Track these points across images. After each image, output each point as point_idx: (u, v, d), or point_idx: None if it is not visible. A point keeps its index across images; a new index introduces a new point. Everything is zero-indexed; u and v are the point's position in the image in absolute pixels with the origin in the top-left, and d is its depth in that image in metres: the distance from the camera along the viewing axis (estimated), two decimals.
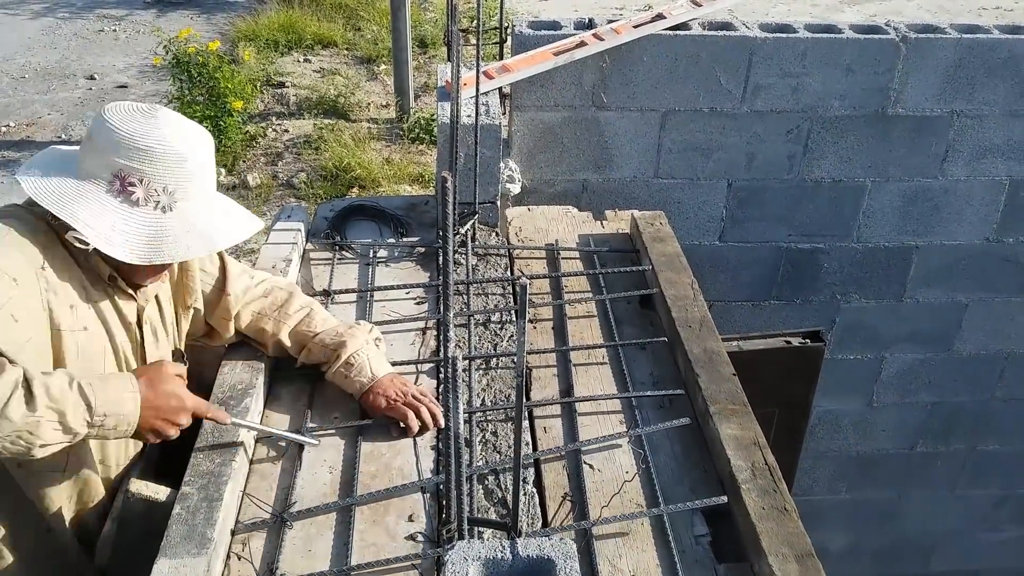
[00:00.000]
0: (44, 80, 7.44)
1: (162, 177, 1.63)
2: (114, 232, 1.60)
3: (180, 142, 1.64)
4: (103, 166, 1.62)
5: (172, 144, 1.63)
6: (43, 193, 1.60)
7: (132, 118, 1.63)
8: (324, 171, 5.69)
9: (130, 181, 1.61)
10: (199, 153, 1.67)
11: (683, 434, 2.03)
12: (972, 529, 4.93)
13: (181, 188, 1.65)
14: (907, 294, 4.01)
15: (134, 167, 1.61)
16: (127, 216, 1.62)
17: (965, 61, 3.43)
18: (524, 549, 1.31)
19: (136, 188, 1.62)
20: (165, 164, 1.62)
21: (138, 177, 1.61)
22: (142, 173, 1.61)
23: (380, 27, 7.68)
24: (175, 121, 1.67)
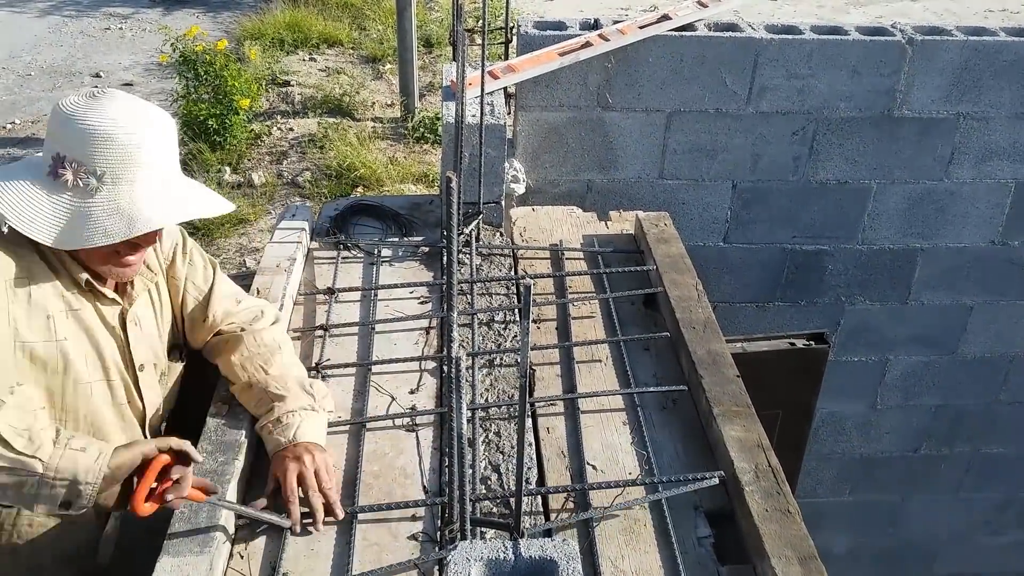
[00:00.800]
0: (50, 78, 7.45)
1: (91, 159, 1.57)
2: (37, 215, 1.56)
3: (116, 123, 1.58)
4: (47, 152, 1.60)
5: (104, 124, 1.57)
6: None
7: (77, 103, 1.60)
8: (329, 170, 5.69)
9: (62, 164, 1.58)
10: (139, 134, 1.60)
11: (686, 436, 2.03)
12: (976, 532, 4.92)
13: (112, 170, 1.58)
14: (912, 296, 4.00)
15: (67, 150, 1.57)
16: (55, 200, 1.58)
17: (971, 63, 3.43)
18: (526, 550, 1.30)
19: (66, 171, 1.58)
20: (93, 144, 1.57)
21: (70, 160, 1.57)
22: (74, 156, 1.57)
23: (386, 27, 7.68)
24: (120, 104, 1.61)
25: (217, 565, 1.59)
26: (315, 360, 2.18)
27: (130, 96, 1.64)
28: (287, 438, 1.79)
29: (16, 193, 1.58)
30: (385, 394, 2.11)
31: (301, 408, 1.84)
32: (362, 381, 2.13)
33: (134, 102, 1.63)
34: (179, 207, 1.66)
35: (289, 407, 1.83)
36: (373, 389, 2.11)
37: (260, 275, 2.35)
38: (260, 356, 1.90)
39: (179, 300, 1.90)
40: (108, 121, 1.57)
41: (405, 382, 2.15)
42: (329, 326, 2.31)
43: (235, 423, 1.86)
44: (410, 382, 2.15)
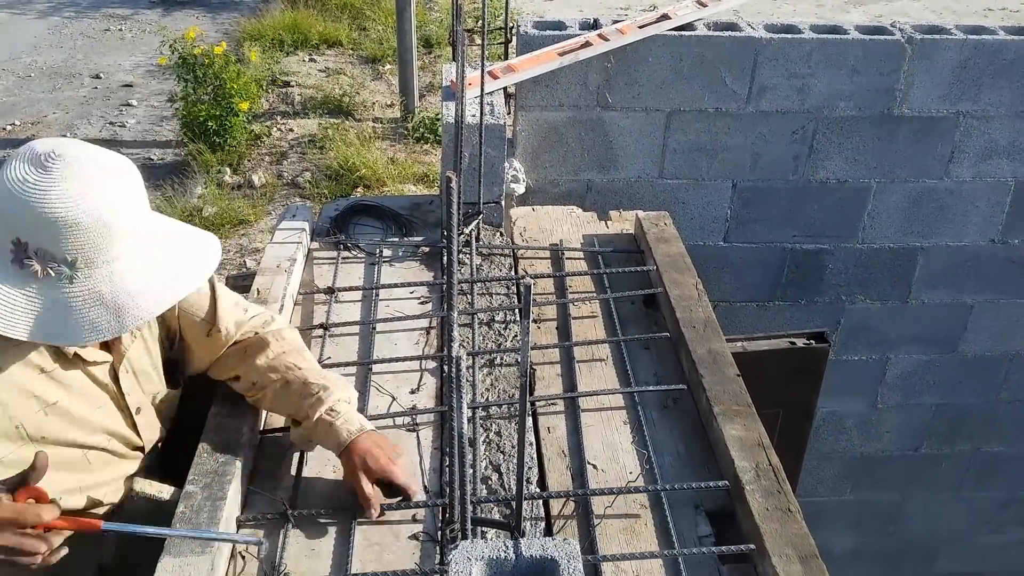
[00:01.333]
0: (50, 79, 7.46)
1: (59, 246, 1.42)
2: (11, 310, 1.42)
3: (79, 203, 1.41)
4: (2, 234, 1.43)
5: (66, 207, 1.40)
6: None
7: (25, 176, 1.41)
8: (329, 170, 5.70)
9: (26, 254, 1.42)
10: (107, 208, 1.43)
11: (687, 435, 2.03)
12: (977, 531, 4.92)
13: (84, 255, 1.43)
14: (912, 295, 4.00)
15: (28, 236, 1.41)
16: (28, 291, 1.43)
17: (971, 62, 3.43)
18: (527, 549, 1.30)
19: (32, 260, 1.42)
20: (57, 232, 1.41)
21: (33, 248, 1.42)
22: (37, 244, 1.41)
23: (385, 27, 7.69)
24: (74, 171, 1.42)
25: (218, 565, 1.59)
26: (315, 359, 2.18)
27: (82, 151, 1.46)
28: (356, 427, 1.72)
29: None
30: (385, 394, 2.11)
31: (347, 399, 1.78)
32: (362, 381, 2.13)
33: (90, 163, 1.45)
34: (168, 283, 1.54)
35: (338, 396, 1.75)
36: (373, 389, 2.11)
37: (260, 275, 2.35)
38: (288, 354, 1.81)
39: (175, 326, 1.80)
40: (68, 202, 1.40)
41: (405, 382, 2.15)
42: (329, 326, 2.31)
43: (235, 423, 1.86)
44: (410, 382, 2.15)
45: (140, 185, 1.53)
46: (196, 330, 1.81)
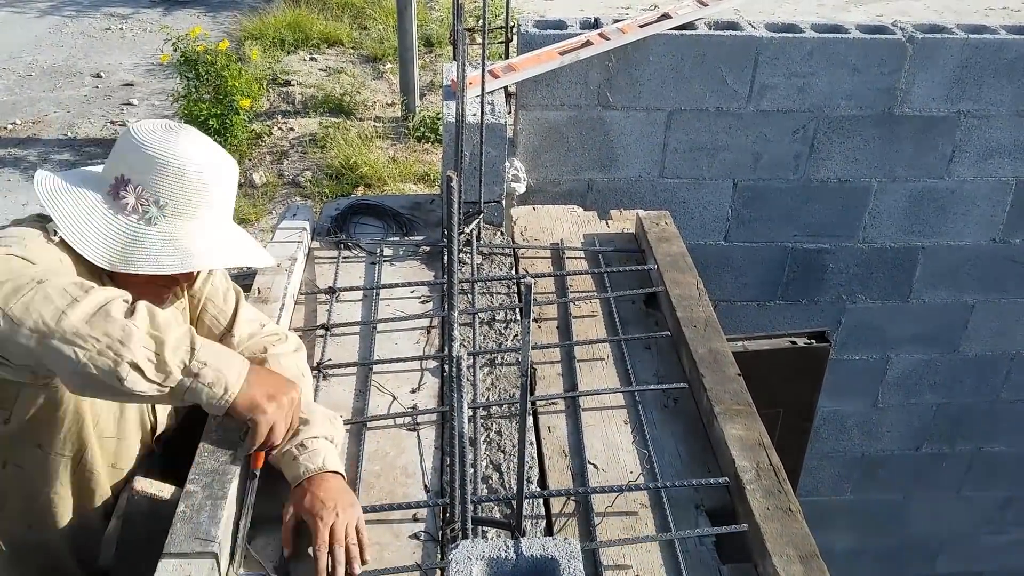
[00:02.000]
0: (50, 78, 7.45)
1: (157, 188, 1.59)
2: (91, 232, 1.56)
3: (190, 158, 1.60)
4: (109, 171, 1.61)
5: (177, 157, 1.59)
6: (44, 191, 1.58)
7: (151, 130, 1.61)
8: (329, 169, 5.69)
9: (125, 187, 1.58)
10: (208, 173, 1.62)
11: (688, 434, 2.03)
12: (977, 530, 4.92)
13: (175, 203, 1.60)
14: (913, 295, 4.00)
15: (133, 174, 1.58)
16: (110, 221, 1.57)
17: (972, 61, 3.42)
18: (528, 548, 1.30)
19: (128, 195, 1.58)
20: (163, 175, 1.58)
21: (134, 184, 1.58)
22: (139, 181, 1.58)
23: (386, 26, 7.68)
24: (195, 140, 1.63)
25: (220, 565, 1.59)
26: (316, 360, 2.18)
27: (202, 136, 1.66)
28: (316, 465, 1.68)
29: (73, 203, 1.57)
30: (386, 393, 2.11)
31: (324, 436, 1.74)
32: (363, 380, 2.13)
33: (207, 143, 1.65)
34: (232, 251, 1.68)
35: (314, 432, 1.73)
36: (374, 388, 2.11)
37: (261, 275, 2.35)
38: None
39: (194, 318, 1.84)
40: (182, 156, 1.59)
41: (406, 381, 2.15)
42: (330, 325, 2.31)
43: (236, 423, 1.85)
44: (411, 381, 2.15)
45: (236, 182, 1.72)
46: (210, 331, 1.85)
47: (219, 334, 1.84)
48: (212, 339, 1.81)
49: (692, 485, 1.85)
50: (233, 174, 1.69)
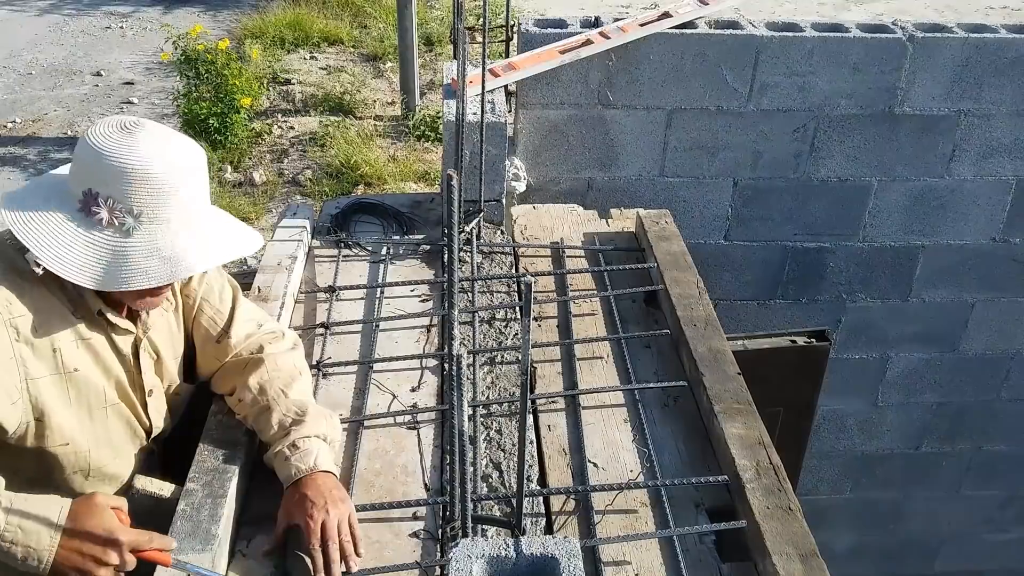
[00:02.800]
0: (50, 76, 7.45)
1: (128, 198, 1.53)
2: (71, 254, 1.51)
3: (153, 161, 1.53)
4: (76, 186, 1.55)
5: (142, 163, 1.52)
6: (15, 221, 1.52)
7: (109, 135, 1.54)
8: (330, 168, 5.69)
9: (95, 202, 1.53)
10: (176, 173, 1.56)
11: (688, 433, 2.03)
12: (977, 529, 4.92)
13: (149, 209, 1.54)
14: (913, 294, 4.00)
15: (100, 187, 1.52)
16: (88, 239, 1.53)
17: (972, 60, 3.42)
18: (528, 547, 1.30)
19: (100, 209, 1.53)
20: (132, 184, 1.52)
21: (104, 198, 1.53)
22: (108, 193, 1.52)
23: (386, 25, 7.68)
24: (154, 137, 1.56)
25: (219, 564, 1.59)
26: (316, 358, 2.18)
27: (161, 128, 1.60)
28: (307, 465, 1.67)
29: (46, 229, 1.52)
30: (386, 392, 2.11)
31: (317, 435, 1.73)
32: (363, 379, 2.14)
33: (167, 136, 1.59)
34: (217, 248, 1.63)
35: (306, 432, 1.72)
36: (374, 387, 2.12)
37: (261, 273, 2.35)
38: (280, 379, 1.81)
39: (191, 319, 1.84)
40: (145, 160, 1.53)
41: (406, 380, 2.15)
42: (330, 324, 2.31)
43: (235, 422, 1.85)
44: (411, 380, 2.15)
45: (206, 169, 1.66)
46: (207, 332, 1.84)
47: (216, 335, 1.83)
48: (210, 340, 1.84)
49: (692, 484, 1.85)
50: (201, 163, 1.63)
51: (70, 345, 1.59)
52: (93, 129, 1.56)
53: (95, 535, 1.46)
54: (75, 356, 1.60)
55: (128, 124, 1.57)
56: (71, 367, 1.59)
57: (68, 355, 1.59)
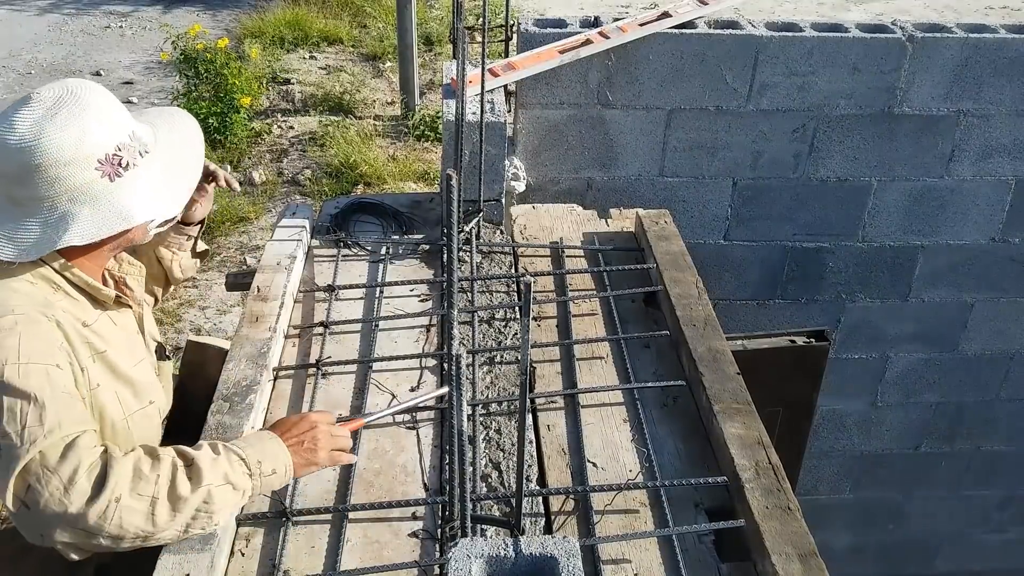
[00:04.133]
0: (50, 76, 7.45)
1: (118, 131, 1.61)
2: (155, 197, 1.64)
3: (86, 97, 1.58)
4: (81, 169, 1.56)
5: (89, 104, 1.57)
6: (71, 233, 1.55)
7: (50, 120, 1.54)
8: (329, 168, 5.69)
9: (112, 155, 1.58)
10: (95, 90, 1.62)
11: (687, 433, 2.03)
12: (976, 529, 4.92)
13: (129, 125, 1.64)
14: (912, 294, 4.00)
15: (99, 146, 1.57)
16: (141, 177, 1.63)
17: (972, 60, 3.42)
18: (527, 547, 1.30)
19: (121, 152, 1.60)
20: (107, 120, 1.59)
21: (113, 147, 1.59)
22: (109, 143, 1.58)
23: (386, 24, 7.68)
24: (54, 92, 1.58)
25: (218, 562, 1.59)
26: (315, 357, 2.18)
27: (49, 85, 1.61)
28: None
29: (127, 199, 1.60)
30: (385, 391, 2.11)
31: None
32: (362, 378, 2.14)
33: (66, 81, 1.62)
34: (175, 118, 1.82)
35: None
36: (373, 386, 2.12)
37: (260, 273, 2.35)
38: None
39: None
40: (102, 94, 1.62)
41: (406, 379, 2.15)
42: (329, 323, 2.31)
43: (236, 421, 1.86)
44: (411, 379, 2.15)
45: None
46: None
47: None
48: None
49: (691, 484, 1.85)
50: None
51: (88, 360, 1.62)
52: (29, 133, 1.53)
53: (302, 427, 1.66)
54: (95, 371, 1.63)
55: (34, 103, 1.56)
56: (95, 384, 1.62)
57: (92, 374, 1.62)
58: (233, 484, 1.52)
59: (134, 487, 1.42)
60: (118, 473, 1.41)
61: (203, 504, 1.48)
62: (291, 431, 1.65)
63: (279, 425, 1.68)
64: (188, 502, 1.46)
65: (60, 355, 1.52)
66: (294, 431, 1.65)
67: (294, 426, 1.66)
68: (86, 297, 1.66)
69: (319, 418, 1.69)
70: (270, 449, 1.60)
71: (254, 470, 1.55)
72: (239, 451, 1.55)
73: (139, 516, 1.42)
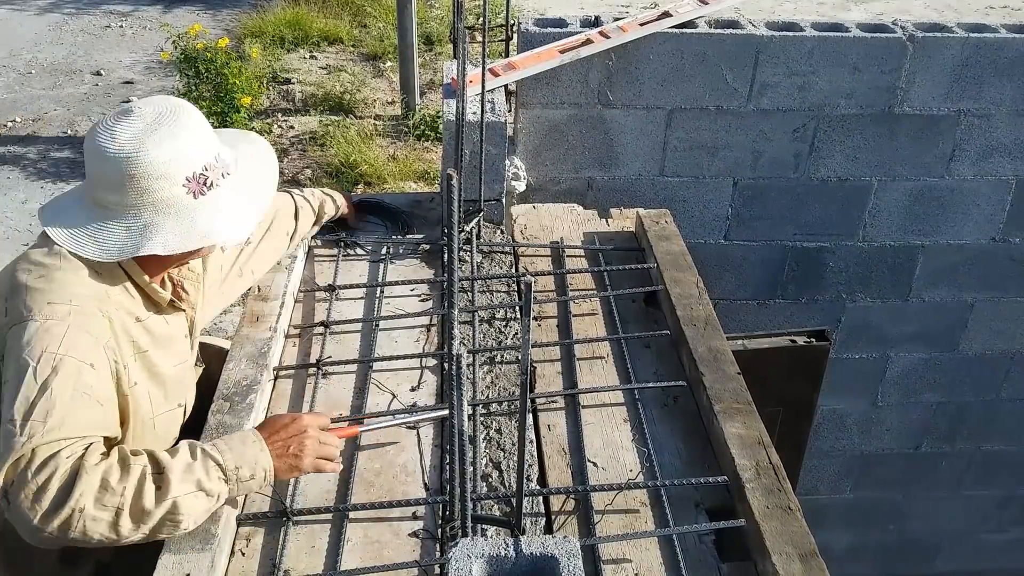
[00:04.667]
0: (50, 76, 7.45)
1: (206, 153, 1.67)
2: (234, 218, 1.69)
3: (182, 119, 1.66)
4: (170, 184, 1.63)
5: (183, 127, 1.64)
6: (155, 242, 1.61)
7: (150, 135, 1.61)
8: (329, 168, 5.69)
9: (199, 176, 1.65)
10: (186, 112, 1.69)
11: (687, 433, 2.03)
12: (977, 529, 4.92)
13: (216, 147, 1.70)
14: (913, 293, 4.00)
15: (190, 166, 1.64)
16: (224, 198, 1.68)
17: (972, 60, 3.42)
18: (527, 546, 1.30)
19: (208, 174, 1.66)
20: (196, 143, 1.65)
21: (200, 168, 1.65)
22: (198, 163, 1.65)
23: (386, 24, 7.68)
24: (153, 107, 1.66)
25: (218, 562, 1.59)
26: (316, 357, 2.18)
27: (149, 99, 1.71)
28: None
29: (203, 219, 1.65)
30: (386, 391, 2.11)
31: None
32: (363, 378, 2.14)
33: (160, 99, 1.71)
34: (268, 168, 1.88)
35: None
36: (374, 386, 2.12)
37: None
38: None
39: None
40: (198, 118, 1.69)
41: (406, 379, 2.15)
42: (330, 323, 2.31)
43: (236, 421, 1.86)
44: (411, 379, 2.15)
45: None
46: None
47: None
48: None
49: (692, 484, 1.85)
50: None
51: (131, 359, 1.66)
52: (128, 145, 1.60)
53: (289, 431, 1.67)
54: (135, 371, 1.67)
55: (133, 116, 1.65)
56: (133, 382, 1.66)
57: (132, 372, 1.66)
58: (206, 491, 1.53)
59: (99, 498, 1.44)
60: (85, 483, 1.43)
61: (168, 515, 1.49)
62: (279, 434, 1.66)
63: (270, 424, 1.69)
64: (152, 514, 1.47)
65: (100, 354, 1.55)
66: (282, 434, 1.66)
67: (283, 428, 1.67)
68: (143, 296, 1.71)
69: (311, 421, 1.70)
70: (251, 453, 1.60)
71: (231, 476, 1.56)
72: (217, 456, 1.56)
73: (103, 525, 1.44)
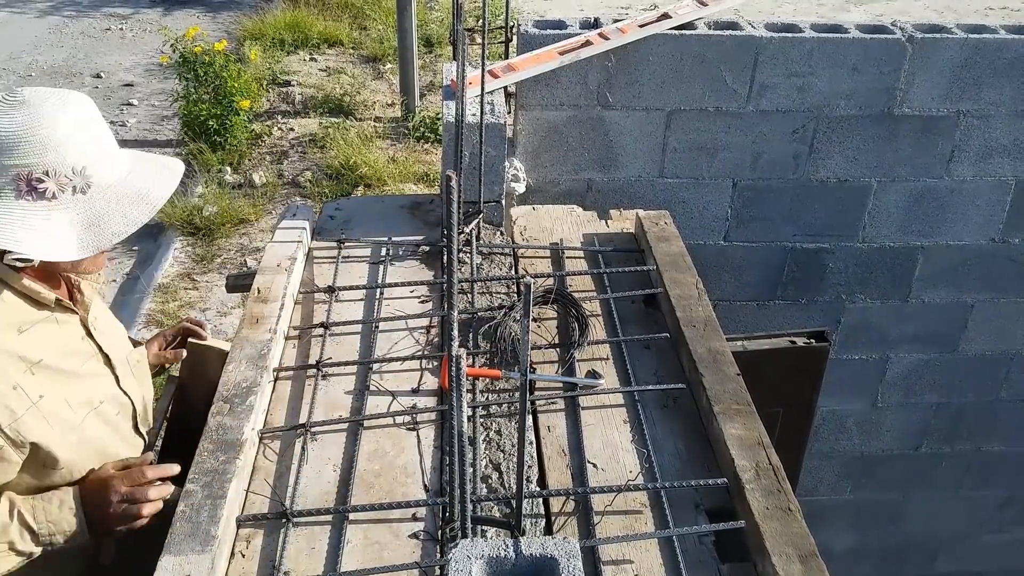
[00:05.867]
0: (51, 78, 7.46)
1: (65, 159, 1.51)
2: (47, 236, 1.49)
3: (63, 116, 1.51)
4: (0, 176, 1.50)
5: (57, 122, 1.50)
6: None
7: (6, 113, 1.49)
8: (329, 170, 5.70)
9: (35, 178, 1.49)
10: (84, 117, 1.55)
11: (687, 434, 2.03)
12: (977, 530, 4.92)
13: (88, 161, 1.54)
14: (912, 294, 4.00)
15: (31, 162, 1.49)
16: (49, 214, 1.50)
17: (972, 61, 3.42)
18: (527, 548, 1.30)
19: (46, 181, 1.50)
20: (60, 145, 1.50)
21: (41, 171, 1.49)
22: (43, 164, 1.49)
23: (386, 26, 7.69)
24: (45, 96, 1.53)
25: (218, 564, 1.59)
26: (315, 358, 2.18)
27: (36, 87, 1.57)
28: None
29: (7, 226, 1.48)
30: (386, 393, 2.11)
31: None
32: (362, 379, 2.14)
33: (49, 91, 1.56)
34: (162, 175, 1.69)
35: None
36: (373, 387, 2.12)
37: (261, 274, 2.35)
38: None
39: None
40: (59, 116, 1.51)
41: (406, 380, 2.15)
42: (329, 325, 2.31)
43: (236, 422, 1.86)
44: (411, 380, 2.15)
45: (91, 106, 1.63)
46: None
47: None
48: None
49: (691, 485, 1.85)
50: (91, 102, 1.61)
51: (25, 375, 1.59)
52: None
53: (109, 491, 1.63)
54: (34, 384, 1.60)
55: (5, 96, 1.53)
56: (36, 396, 1.59)
57: (28, 387, 1.58)
58: (17, 552, 1.55)
59: None
60: None
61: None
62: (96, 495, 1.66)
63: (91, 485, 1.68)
64: None
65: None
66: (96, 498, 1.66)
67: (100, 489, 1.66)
68: (25, 299, 1.60)
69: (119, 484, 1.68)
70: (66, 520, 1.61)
71: (43, 540, 1.59)
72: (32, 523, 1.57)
73: None
